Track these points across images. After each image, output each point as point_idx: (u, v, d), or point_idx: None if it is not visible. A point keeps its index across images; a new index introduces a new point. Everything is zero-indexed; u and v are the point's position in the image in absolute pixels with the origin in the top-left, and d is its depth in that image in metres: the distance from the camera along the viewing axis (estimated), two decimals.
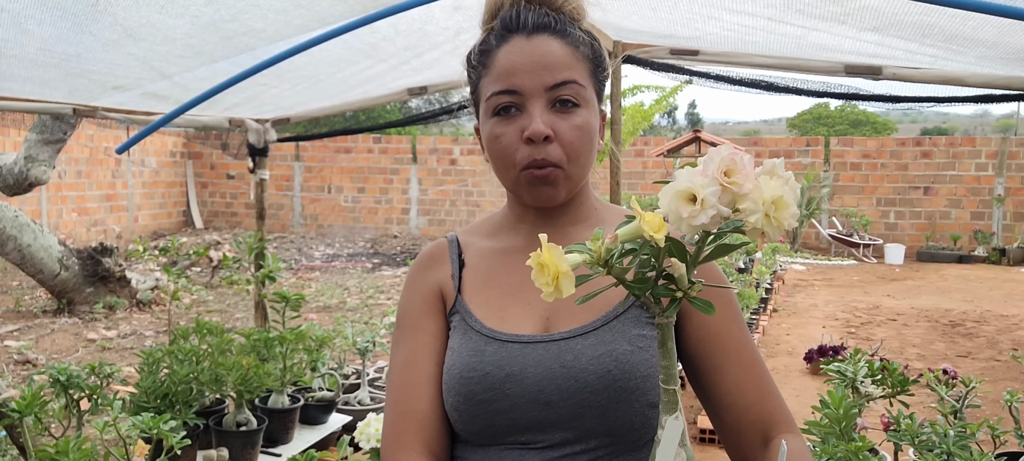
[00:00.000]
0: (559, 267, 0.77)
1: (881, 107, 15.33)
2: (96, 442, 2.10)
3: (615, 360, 1.03)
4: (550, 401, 1.03)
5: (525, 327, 1.09)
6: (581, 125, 1.07)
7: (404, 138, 14.53)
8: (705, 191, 0.74)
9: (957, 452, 1.98)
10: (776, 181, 0.76)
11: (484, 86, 1.11)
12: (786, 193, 0.75)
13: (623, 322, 1.07)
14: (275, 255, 3.88)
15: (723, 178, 0.74)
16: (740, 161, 0.75)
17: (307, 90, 3.37)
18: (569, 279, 0.77)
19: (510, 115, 1.07)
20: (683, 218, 0.74)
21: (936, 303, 8.32)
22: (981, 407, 2.79)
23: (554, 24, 1.08)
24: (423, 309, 1.16)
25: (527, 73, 1.06)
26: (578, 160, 1.08)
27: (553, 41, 1.08)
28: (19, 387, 3.57)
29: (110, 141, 12.26)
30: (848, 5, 2.28)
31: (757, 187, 0.75)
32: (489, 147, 1.10)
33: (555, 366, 1.04)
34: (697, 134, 8.21)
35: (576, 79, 1.07)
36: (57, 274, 6.94)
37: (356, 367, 4.73)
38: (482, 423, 1.06)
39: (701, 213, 0.74)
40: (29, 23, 2.09)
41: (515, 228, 1.18)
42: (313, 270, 10.43)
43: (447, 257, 1.19)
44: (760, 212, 0.74)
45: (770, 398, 1.07)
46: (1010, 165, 12.11)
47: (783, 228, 0.75)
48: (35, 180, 6.36)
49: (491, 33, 1.11)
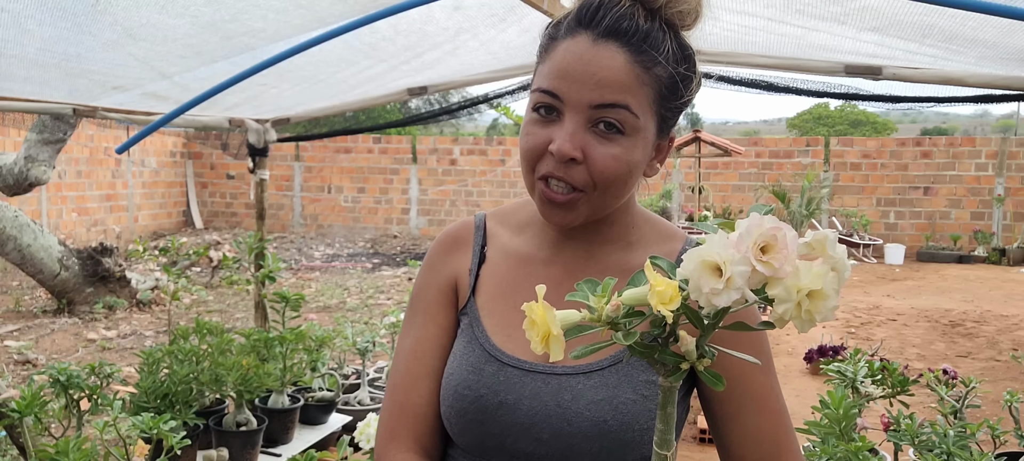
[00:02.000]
0: (550, 330, 0.70)
1: (881, 107, 15.32)
2: (96, 442, 2.10)
3: (614, 410, 0.97)
4: (541, 438, 0.99)
5: (530, 352, 1.01)
6: (618, 155, 0.95)
7: (404, 138, 14.52)
8: (733, 270, 0.64)
9: (957, 452, 1.98)
10: (818, 267, 0.65)
11: (537, 74, 1.00)
12: (826, 283, 0.65)
13: (632, 365, 0.99)
14: (275, 255, 3.88)
15: (759, 255, 0.65)
16: (782, 239, 0.65)
17: (307, 90, 3.37)
18: (559, 344, 0.71)
19: (547, 117, 0.97)
20: (703, 292, 0.65)
21: (936, 303, 8.32)
22: (981, 407, 2.79)
23: (632, 32, 0.94)
24: (437, 299, 1.11)
25: (576, 81, 0.94)
26: (607, 190, 0.97)
27: (620, 54, 0.94)
28: (19, 387, 3.57)
29: (110, 141, 12.25)
30: (848, 5, 2.28)
31: (795, 274, 0.65)
32: (520, 141, 1.01)
33: (551, 403, 0.99)
34: (697, 134, 8.19)
35: (628, 105, 0.94)
36: (57, 274, 6.94)
37: (356, 367, 4.73)
38: (472, 439, 1.03)
39: (723, 293, 0.65)
40: (29, 23, 2.09)
41: (542, 233, 1.10)
42: (313, 270, 10.42)
43: (470, 245, 1.12)
44: (791, 304, 0.65)
45: (786, 455, 1.00)
46: (1010, 165, 12.10)
47: (813, 323, 0.65)
48: (35, 180, 6.36)
49: (566, 18, 0.99)
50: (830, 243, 0.67)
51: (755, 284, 0.66)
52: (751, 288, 0.65)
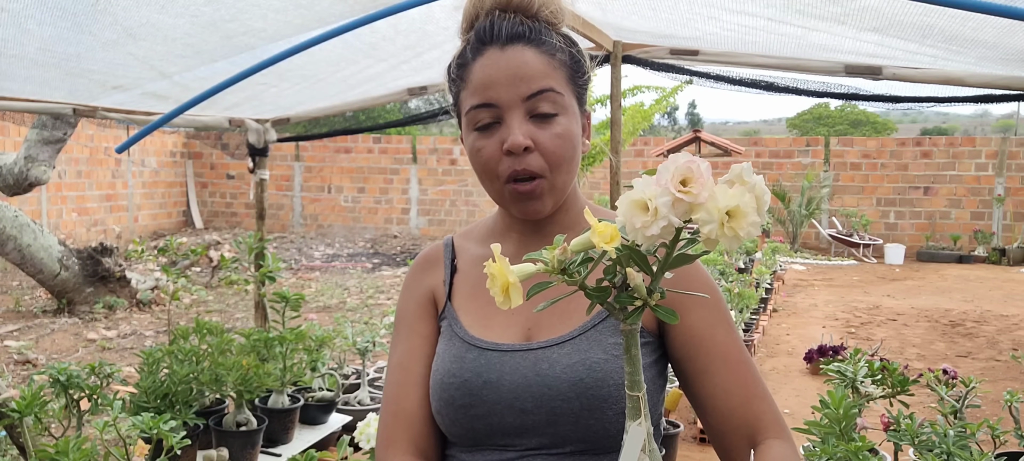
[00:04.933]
0: (507, 278, 0.78)
1: (881, 107, 15.32)
2: (96, 442, 2.10)
3: (588, 368, 1.05)
4: (525, 408, 1.06)
5: (507, 336, 1.12)
6: (561, 133, 1.07)
7: (404, 138, 14.53)
8: (657, 201, 0.72)
9: (957, 452, 1.98)
10: (736, 190, 0.73)
11: (463, 99, 1.11)
12: (744, 202, 0.72)
13: (600, 331, 1.08)
14: (275, 255, 3.88)
15: (678, 187, 0.73)
16: (697, 170, 0.73)
17: (307, 90, 3.37)
18: (517, 290, 0.78)
19: (490, 128, 1.08)
20: (636, 228, 0.73)
21: (936, 303, 8.32)
22: (981, 407, 2.79)
23: (529, 33, 1.08)
24: (417, 313, 1.21)
25: (503, 85, 1.06)
26: (561, 168, 1.09)
27: (528, 51, 1.07)
28: (19, 387, 3.57)
29: (110, 141, 12.25)
30: (848, 5, 2.28)
31: (712, 197, 0.73)
32: (472, 160, 1.11)
33: (531, 374, 1.07)
34: (697, 134, 8.21)
35: (553, 87, 1.07)
36: (57, 274, 6.94)
37: (356, 367, 4.73)
38: (463, 426, 1.10)
39: (653, 223, 0.72)
40: (29, 23, 2.09)
41: (505, 235, 1.20)
42: (313, 270, 10.42)
43: (442, 262, 1.23)
44: (714, 222, 0.72)
45: (757, 401, 1.06)
46: (1010, 165, 12.11)
47: (739, 239, 0.73)
48: (35, 180, 6.36)
49: (467, 45, 1.11)
50: (746, 172, 0.75)
51: (681, 214, 0.73)
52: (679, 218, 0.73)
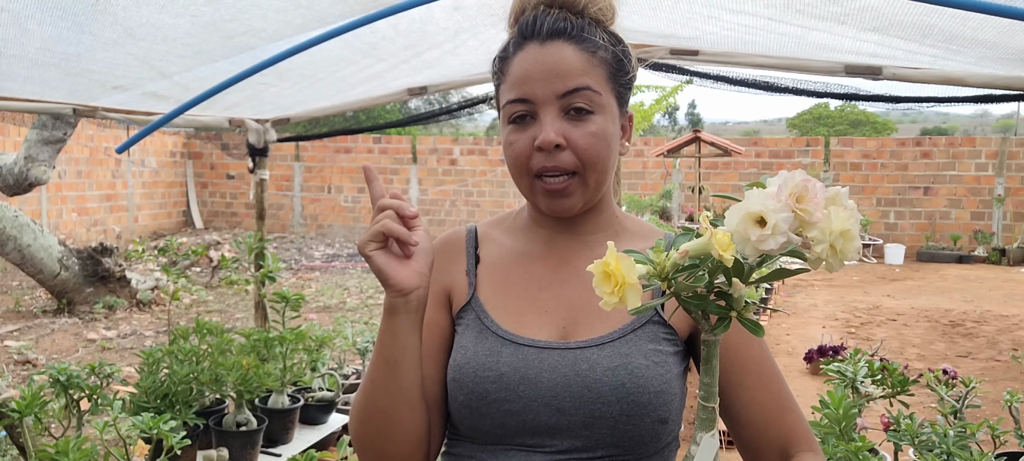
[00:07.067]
0: (627, 278, 0.75)
1: (881, 107, 15.33)
2: (96, 442, 2.10)
3: (630, 373, 1.04)
4: (563, 408, 1.04)
5: (542, 333, 1.09)
6: (595, 132, 1.06)
7: (404, 138, 14.52)
8: (776, 217, 0.72)
9: (957, 452, 1.98)
10: (844, 212, 0.75)
11: (502, 93, 1.12)
12: (853, 226, 0.74)
13: (640, 336, 1.07)
14: (275, 255, 3.88)
15: (795, 204, 0.73)
16: (812, 188, 0.74)
17: (307, 90, 3.37)
18: (636, 291, 0.76)
19: (524, 123, 1.08)
20: (750, 240, 0.73)
21: (936, 303, 8.32)
22: (981, 407, 2.79)
23: (570, 29, 1.07)
24: (429, 300, 1.15)
25: (539, 81, 1.06)
26: (594, 167, 1.07)
27: (567, 47, 1.07)
28: (19, 387, 3.57)
29: (110, 141, 12.25)
30: (848, 5, 2.28)
31: (827, 217, 0.74)
32: (505, 154, 1.11)
33: (570, 374, 1.05)
34: (697, 134, 8.20)
35: (589, 85, 1.06)
36: (57, 274, 6.94)
37: (356, 367, 4.73)
38: (493, 422, 1.07)
39: (770, 238, 0.72)
40: (29, 23, 2.09)
41: (534, 232, 1.18)
42: (313, 270, 10.42)
43: (463, 251, 1.19)
44: (826, 243, 0.73)
45: (790, 415, 1.09)
46: (1010, 165, 12.10)
47: (844, 261, 0.75)
48: (35, 180, 6.36)
49: (511, 39, 1.12)
50: (843, 195, 0.77)
51: (792, 229, 0.74)
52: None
